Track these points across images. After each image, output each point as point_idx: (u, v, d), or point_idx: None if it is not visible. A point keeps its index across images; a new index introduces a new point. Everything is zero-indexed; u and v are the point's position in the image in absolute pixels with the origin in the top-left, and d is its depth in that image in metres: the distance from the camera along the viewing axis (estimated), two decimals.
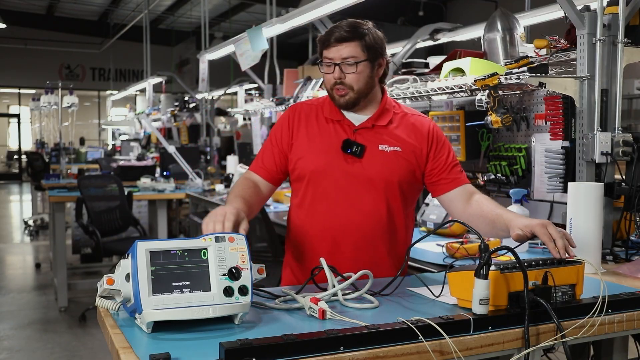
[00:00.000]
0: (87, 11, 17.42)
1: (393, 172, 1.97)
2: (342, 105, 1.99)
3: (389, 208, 1.98)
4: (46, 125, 11.43)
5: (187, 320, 1.36)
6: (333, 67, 1.94)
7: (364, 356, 1.25)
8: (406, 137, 2.01)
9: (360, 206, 1.96)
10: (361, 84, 1.95)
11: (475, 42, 3.55)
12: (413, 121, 2.05)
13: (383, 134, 1.99)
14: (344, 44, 1.92)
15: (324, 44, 1.95)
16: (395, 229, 2.01)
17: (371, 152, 1.96)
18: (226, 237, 1.45)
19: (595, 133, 2.23)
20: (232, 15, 15.05)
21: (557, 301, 1.48)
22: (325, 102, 2.07)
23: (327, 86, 1.99)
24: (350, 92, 1.95)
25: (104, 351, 4.20)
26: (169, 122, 9.29)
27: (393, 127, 2.01)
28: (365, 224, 1.96)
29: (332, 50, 1.93)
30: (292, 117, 2.06)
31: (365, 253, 1.96)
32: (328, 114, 2.03)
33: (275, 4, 5.27)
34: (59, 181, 6.81)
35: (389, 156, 1.97)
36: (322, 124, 2.03)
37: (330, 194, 1.97)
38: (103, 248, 4.99)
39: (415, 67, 3.60)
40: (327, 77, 1.97)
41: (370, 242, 1.97)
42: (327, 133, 2.01)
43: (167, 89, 11.36)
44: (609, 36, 2.24)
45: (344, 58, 1.92)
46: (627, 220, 2.28)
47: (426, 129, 2.04)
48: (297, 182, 2.04)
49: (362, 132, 1.99)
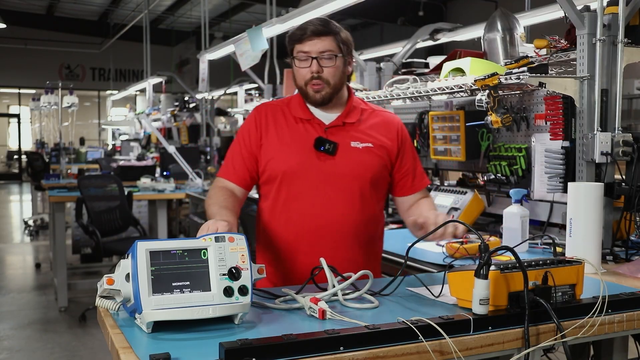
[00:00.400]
0: (87, 11, 17.42)
1: (367, 168, 1.98)
2: (317, 100, 1.97)
3: (364, 204, 1.99)
4: (46, 125, 11.44)
5: (187, 320, 1.36)
6: (310, 61, 1.93)
7: (364, 356, 1.25)
8: (376, 133, 2.03)
9: (336, 204, 1.95)
10: (337, 79, 1.96)
11: (475, 42, 3.55)
12: (382, 118, 2.08)
13: (354, 131, 2.00)
14: (321, 37, 1.92)
15: (299, 39, 1.94)
16: (370, 224, 2.02)
17: (344, 150, 1.97)
18: (226, 237, 1.45)
19: (595, 133, 2.23)
20: (232, 15, 15.05)
21: (557, 301, 1.47)
22: (292, 101, 2.06)
23: (301, 82, 1.97)
24: (326, 87, 1.95)
25: (104, 351, 4.20)
26: (169, 122, 9.29)
27: (363, 124, 2.03)
28: (342, 221, 1.96)
29: (308, 44, 1.92)
30: (259, 118, 2.03)
31: (342, 251, 1.96)
32: (297, 113, 2.02)
33: (275, 4, 5.27)
34: (59, 181, 6.81)
35: (361, 153, 1.98)
36: (292, 123, 2.01)
37: (305, 194, 1.95)
38: (103, 248, 4.99)
39: (415, 67, 3.60)
40: (303, 71, 1.95)
41: (348, 239, 1.97)
42: (297, 132, 1.99)
43: (167, 89, 11.36)
44: (609, 36, 2.23)
45: (321, 52, 1.92)
46: (627, 220, 2.28)
47: (395, 126, 2.08)
48: (268, 184, 2.01)
49: (333, 130, 1.99)
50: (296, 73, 1.98)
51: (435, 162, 3.46)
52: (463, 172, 3.44)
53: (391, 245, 2.58)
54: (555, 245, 2.12)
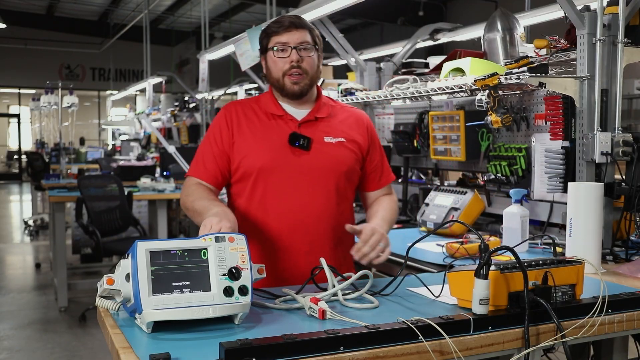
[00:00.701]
0: (87, 11, 17.42)
1: (341, 163, 2.00)
2: (295, 92, 1.98)
3: (340, 197, 2.01)
4: (46, 125, 11.43)
5: (187, 320, 1.36)
6: (289, 51, 1.94)
7: (364, 356, 1.25)
8: (347, 128, 2.05)
9: (314, 198, 1.96)
10: (314, 71, 1.99)
11: (475, 42, 3.55)
12: (351, 114, 2.11)
13: (326, 127, 2.03)
14: (298, 29, 1.95)
15: (276, 30, 1.96)
16: (346, 217, 2.04)
17: (318, 145, 1.98)
18: (226, 237, 1.45)
19: (595, 133, 2.23)
20: (232, 15, 15.04)
21: (557, 301, 1.48)
22: (262, 99, 2.07)
23: (279, 74, 1.97)
24: (305, 78, 1.97)
25: (104, 351, 4.20)
26: (169, 122, 9.29)
27: (333, 119, 2.06)
28: (320, 215, 1.97)
29: (286, 36, 1.95)
30: (229, 116, 2.03)
31: (319, 245, 1.97)
32: (269, 109, 2.02)
33: (275, 4, 5.27)
34: (59, 181, 6.81)
35: (335, 147, 2.00)
36: (264, 120, 2.01)
37: (281, 190, 1.95)
38: (103, 248, 4.99)
39: (415, 67, 3.60)
40: (282, 62, 1.96)
41: (326, 232, 1.99)
42: (270, 128, 2.00)
43: (167, 89, 11.35)
44: (609, 36, 2.23)
45: (300, 42, 1.95)
46: (627, 220, 2.28)
47: (364, 122, 2.11)
48: (242, 182, 2.00)
49: (306, 126, 2.01)
50: (273, 65, 1.98)
51: (435, 162, 3.46)
52: (463, 172, 3.45)
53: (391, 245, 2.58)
54: (555, 245, 2.12)
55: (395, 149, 3.66)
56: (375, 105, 3.95)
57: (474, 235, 2.44)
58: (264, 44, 2.01)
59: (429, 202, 3.02)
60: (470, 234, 2.53)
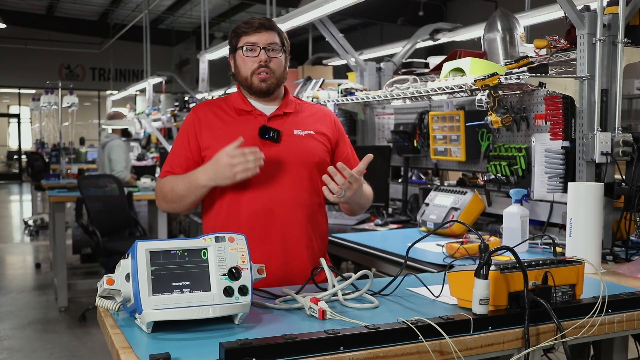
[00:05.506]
0: (87, 11, 17.42)
1: (311, 154, 2.04)
2: (262, 89, 2.03)
3: (311, 190, 2.04)
4: (46, 125, 11.43)
5: (187, 320, 1.36)
6: (258, 51, 2.00)
7: (364, 356, 1.25)
8: (315, 122, 2.11)
9: (286, 189, 2.00)
10: (281, 71, 2.05)
11: (475, 42, 3.55)
12: (317, 110, 2.19)
13: (294, 121, 2.08)
14: (268, 31, 2.02)
15: (246, 31, 2.02)
16: (317, 210, 2.07)
17: (288, 137, 2.03)
18: (226, 237, 1.45)
19: (595, 133, 2.23)
20: (232, 15, 15.03)
21: (557, 301, 1.48)
22: (230, 97, 2.13)
23: (247, 72, 2.03)
24: (272, 77, 2.03)
25: (104, 351, 4.20)
26: (169, 122, 9.26)
27: (301, 114, 2.12)
28: (294, 206, 2.01)
29: (256, 36, 2.01)
30: (199, 115, 2.08)
31: (292, 238, 2.00)
32: (238, 105, 2.08)
33: (275, 4, 5.27)
34: (59, 181, 6.81)
35: (305, 139, 2.05)
36: (233, 116, 2.07)
37: (253, 183, 1.97)
38: (103, 248, 4.99)
39: (415, 67, 3.60)
40: (250, 61, 2.02)
41: (298, 225, 2.01)
42: (240, 123, 2.05)
43: (167, 89, 11.33)
44: (609, 36, 2.24)
45: (269, 43, 2.01)
46: (627, 220, 2.28)
47: (331, 117, 2.18)
48: None
49: (275, 120, 2.06)
50: (242, 64, 2.05)
51: (435, 162, 3.46)
52: (463, 172, 3.45)
53: (391, 245, 2.59)
54: (555, 245, 2.12)
55: (395, 149, 3.66)
56: (375, 105, 3.95)
57: (474, 235, 2.44)
58: (233, 44, 2.07)
59: (429, 202, 3.01)
60: (470, 234, 2.53)
